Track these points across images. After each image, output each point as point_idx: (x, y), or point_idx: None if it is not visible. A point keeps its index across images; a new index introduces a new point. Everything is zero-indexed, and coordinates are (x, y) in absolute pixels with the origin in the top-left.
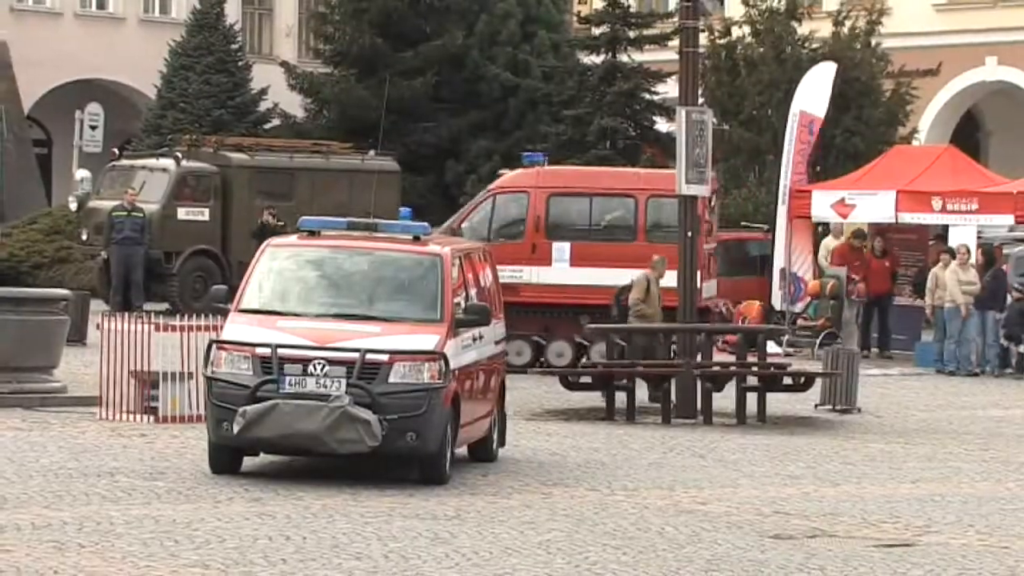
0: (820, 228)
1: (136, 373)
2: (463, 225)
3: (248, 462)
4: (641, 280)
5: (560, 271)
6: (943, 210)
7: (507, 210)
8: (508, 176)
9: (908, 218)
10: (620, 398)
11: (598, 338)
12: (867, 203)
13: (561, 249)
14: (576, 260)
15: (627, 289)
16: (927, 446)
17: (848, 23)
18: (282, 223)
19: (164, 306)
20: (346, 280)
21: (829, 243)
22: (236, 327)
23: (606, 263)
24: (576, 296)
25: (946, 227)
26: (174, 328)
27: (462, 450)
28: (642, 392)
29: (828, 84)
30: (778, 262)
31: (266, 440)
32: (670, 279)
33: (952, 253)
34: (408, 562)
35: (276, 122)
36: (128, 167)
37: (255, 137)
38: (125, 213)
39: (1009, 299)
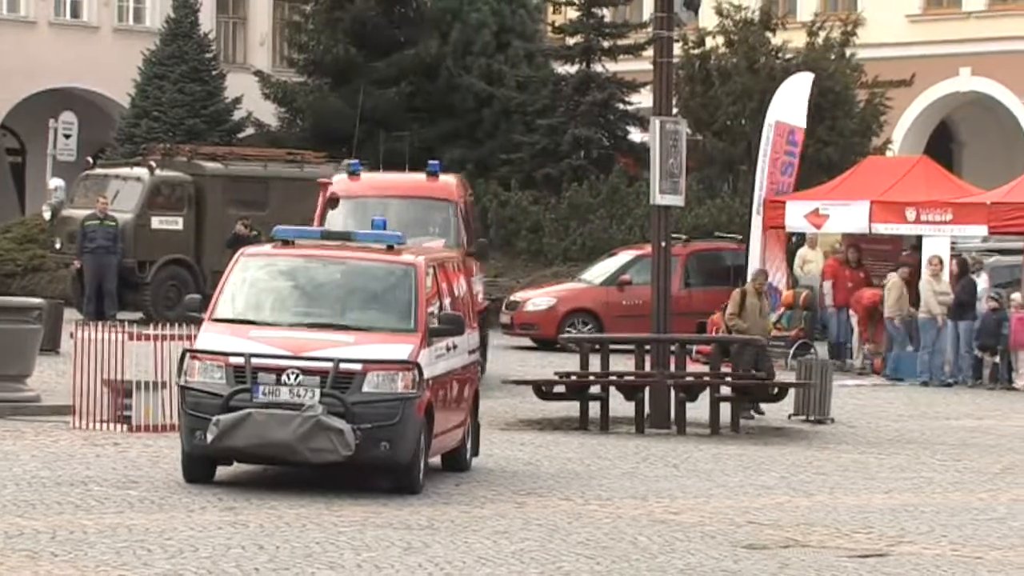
0: (794, 238)
1: (109, 382)
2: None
3: (222, 471)
4: (735, 295)
5: None
6: (917, 220)
7: None
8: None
9: (882, 228)
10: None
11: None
12: (841, 213)
13: None
14: None
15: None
16: (900, 456)
17: (822, 34)
18: (256, 233)
19: (137, 315)
20: (320, 290)
21: (804, 253)
22: (210, 336)
23: None
24: None
25: (920, 237)
26: (147, 337)
27: (436, 459)
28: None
29: (805, 94)
30: (752, 272)
31: (239, 449)
32: None
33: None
34: (381, 571)
35: (250, 131)
36: (102, 176)
37: (229, 146)
38: (98, 222)
39: (982, 309)
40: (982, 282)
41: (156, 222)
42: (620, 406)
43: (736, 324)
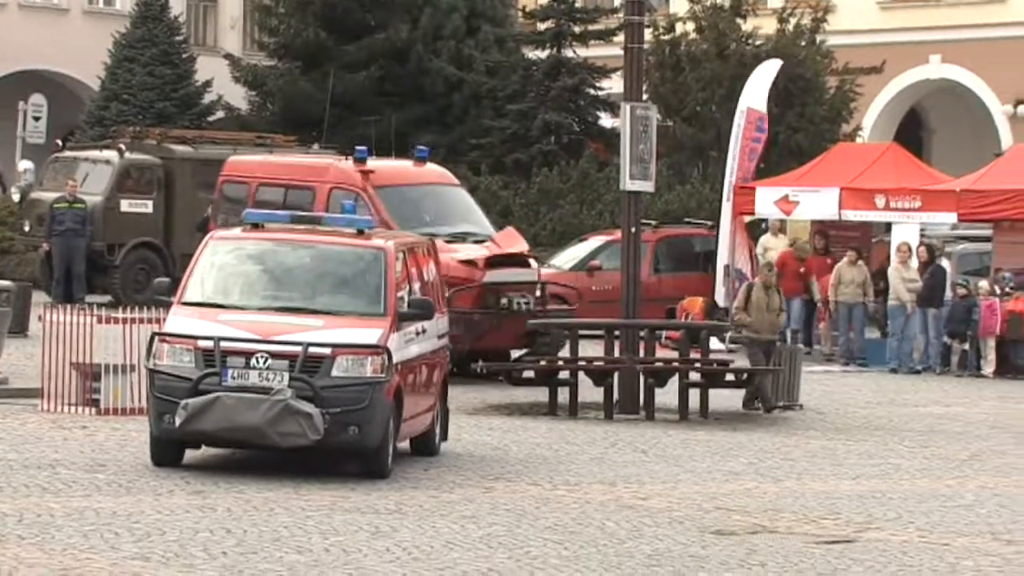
0: (763, 224)
1: (78, 365)
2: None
3: (190, 455)
4: (743, 288)
5: None
6: (886, 207)
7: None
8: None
9: (851, 215)
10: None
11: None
12: (810, 200)
13: None
14: None
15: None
16: (868, 443)
17: (793, 20)
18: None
19: (106, 298)
20: (289, 274)
21: (766, 241)
22: (179, 320)
23: None
24: None
25: (889, 224)
26: (116, 320)
27: (404, 444)
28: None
29: (769, 80)
30: (722, 259)
31: (208, 433)
32: None
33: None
34: (349, 556)
35: (220, 114)
36: (71, 159)
37: (199, 129)
38: (66, 204)
39: (950, 296)
40: (947, 269)
41: (125, 205)
42: (589, 392)
43: (741, 319)
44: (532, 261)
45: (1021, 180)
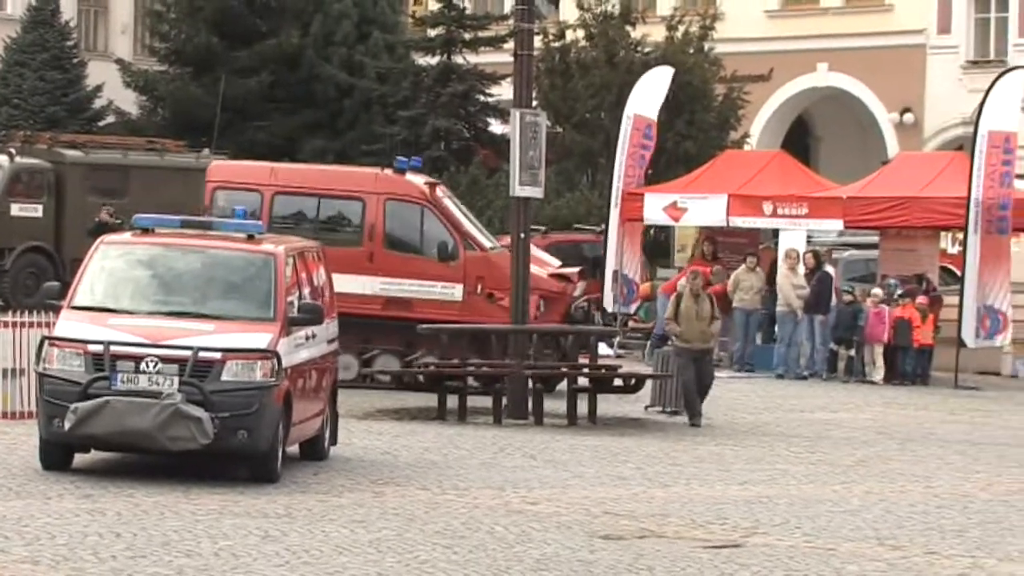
0: (651, 231)
1: None
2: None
3: (79, 459)
4: (672, 298)
5: None
6: (774, 214)
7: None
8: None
9: (739, 222)
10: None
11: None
12: (698, 207)
13: None
14: None
15: None
16: (755, 448)
17: (681, 28)
18: (120, 221)
19: None
20: (179, 278)
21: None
22: (68, 324)
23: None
24: None
25: (776, 231)
26: (6, 324)
27: (294, 448)
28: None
29: (664, 88)
30: (610, 264)
31: (98, 437)
32: None
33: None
34: (239, 560)
35: (111, 119)
36: None
37: (89, 134)
38: None
39: (836, 302)
40: (833, 275)
41: (15, 209)
42: (478, 397)
43: (671, 328)
44: None
45: (907, 188)
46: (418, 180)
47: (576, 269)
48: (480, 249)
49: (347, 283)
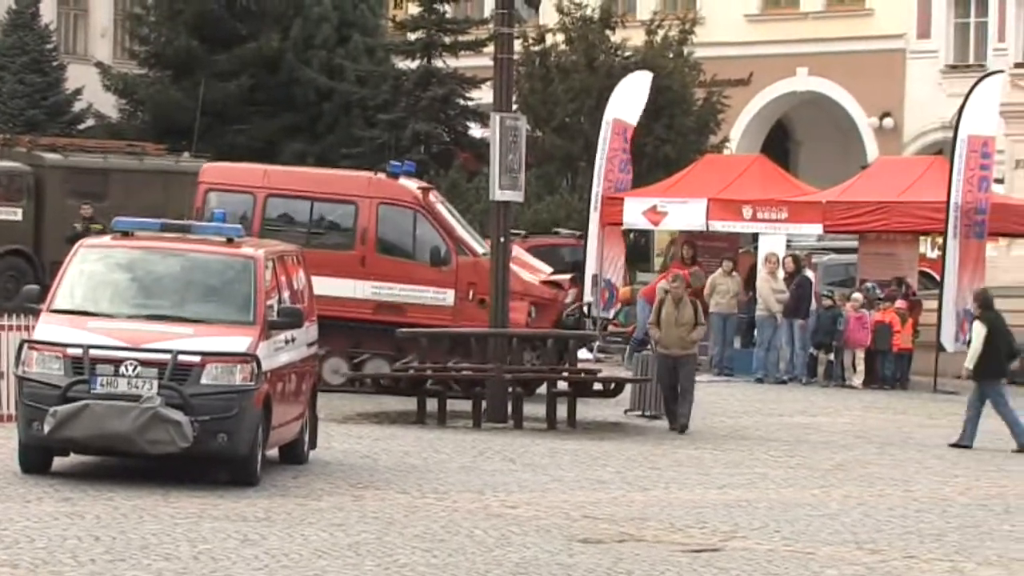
0: (632, 235)
1: None
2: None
3: (58, 462)
4: (656, 303)
5: None
6: (753, 218)
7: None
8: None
9: (719, 226)
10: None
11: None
12: (678, 211)
13: None
14: None
15: None
16: (735, 452)
17: (661, 32)
18: (100, 225)
19: None
20: (159, 282)
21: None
22: (48, 327)
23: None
24: None
25: (756, 235)
26: None
27: (273, 452)
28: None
29: (644, 92)
30: (590, 268)
31: (77, 440)
32: None
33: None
34: (218, 563)
35: (91, 122)
36: None
37: (69, 137)
38: None
39: (815, 306)
40: (812, 279)
41: None
42: (458, 401)
43: (652, 333)
44: None
45: (886, 192)
46: (411, 185)
47: (568, 276)
48: (472, 255)
49: (339, 287)
